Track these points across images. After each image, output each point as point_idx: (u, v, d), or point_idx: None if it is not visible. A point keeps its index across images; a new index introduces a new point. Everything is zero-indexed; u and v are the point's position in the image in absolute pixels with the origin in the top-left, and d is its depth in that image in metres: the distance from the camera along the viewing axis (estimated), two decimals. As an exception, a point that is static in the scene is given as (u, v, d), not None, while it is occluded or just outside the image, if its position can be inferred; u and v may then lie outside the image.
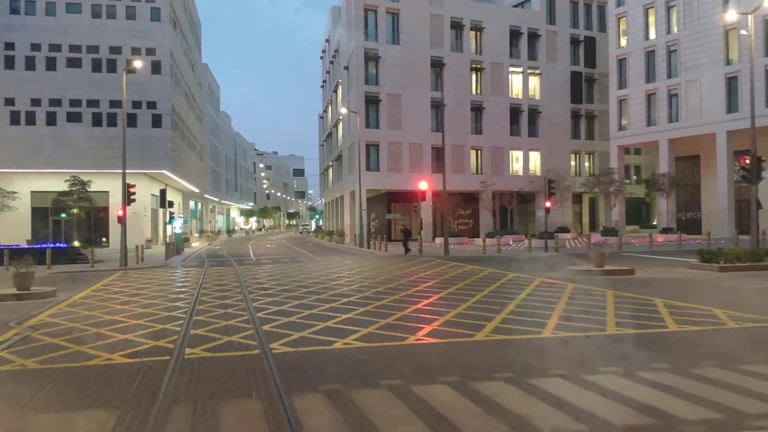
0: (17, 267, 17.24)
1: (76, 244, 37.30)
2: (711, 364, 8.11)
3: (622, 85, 49.78)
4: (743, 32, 35.23)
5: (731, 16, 32.26)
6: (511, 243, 39.27)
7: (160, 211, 49.62)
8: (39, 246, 30.68)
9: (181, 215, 49.71)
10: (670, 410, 6.19)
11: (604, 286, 16.78)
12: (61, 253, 30.06)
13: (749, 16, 23.42)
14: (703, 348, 9.15)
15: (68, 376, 8.19)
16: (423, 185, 35.35)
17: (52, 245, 30.86)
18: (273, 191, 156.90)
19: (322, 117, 75.09)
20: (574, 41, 54.44)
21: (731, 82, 42.55)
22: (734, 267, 20.38)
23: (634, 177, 66.23)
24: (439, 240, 42.86)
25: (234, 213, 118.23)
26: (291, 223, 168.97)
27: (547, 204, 31.04)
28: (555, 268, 21.99)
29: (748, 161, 22.60)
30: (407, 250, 32.77)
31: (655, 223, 55.33)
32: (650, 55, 47.51)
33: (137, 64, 29.61)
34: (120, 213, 27.45)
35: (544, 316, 12.05)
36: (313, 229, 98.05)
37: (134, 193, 28.03)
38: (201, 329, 11.27)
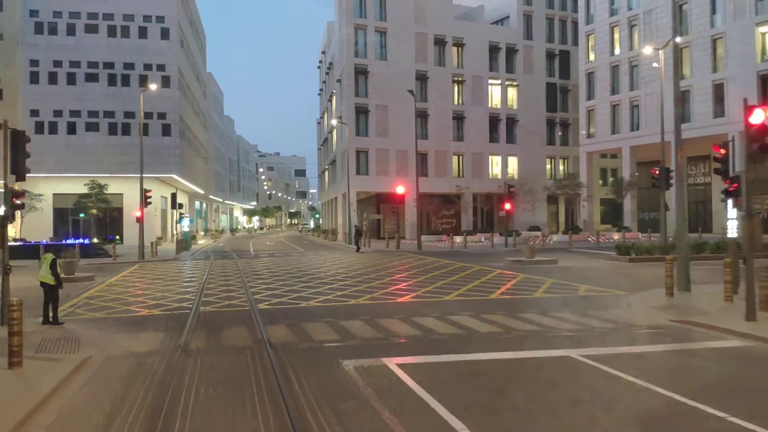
0: (65, 257, 21.96)
1: (95, 241, 42.04)
2: (535, 311, 12.75)
3: (590, 96, 54.24)
4: (655, 65, 39.68)
5: (647, 50, 36.78)
6: (483, 240, 43.78)
7: (169, 211, 54.38)
8: (67, 243, 35.40)
9: (187, 215, 54.33)
10: (477, 328, 10.86)
11: (522, 271, 21.39)
12: (86, 248, 34.79)
13: (660, 51, 27.96)
14: (542, 305, 13.73)
15: (125, 320, 12.88)
16: (400, 189, 39.94)
17: (78, 241, 35.59)
18: (274, 192, 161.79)
19: (319, 123, 79.74)
20: (550, 55, 58.90)
21: (684, 95, 46.96)
22: (642, 258, 24.88)
23: (611, 179, 70.51)
24: (421, 237, 47.34)
25: (237, 213, 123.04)
26: (293, 222, 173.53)
27: (507, 206, 35.54)
28: (498, 260, 26.56)
29: (657, 171, 27.07)
30: (358, 248, 36.15)
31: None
32: (615, 69, 51.98)
33: (152, 86, 34.28)
34: (138, 214, 32.16)
35: (457, 289, 16.69)
36: (311, 228, 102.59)
37: (150, 197, 32.72)
38: (210, 298, 15.95)
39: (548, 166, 58.96)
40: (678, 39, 38.46)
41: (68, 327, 11.73)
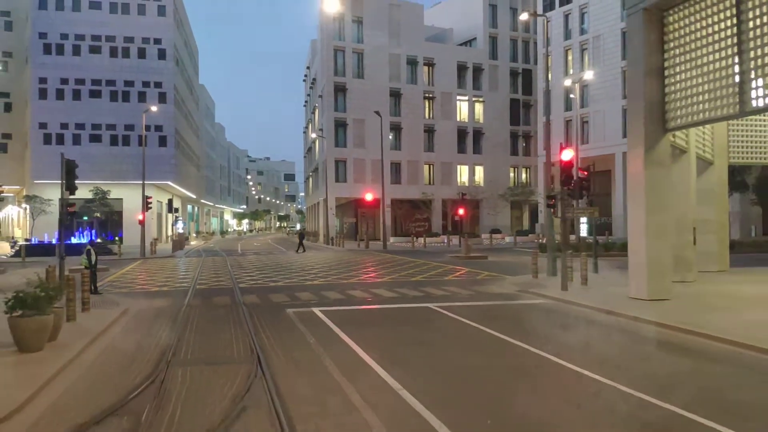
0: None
1: (99, 241, 47.06)
2: (433, 287, 18.10)
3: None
4: (572, 96, 45.44)
5: (567, 81, 42.56)
6: (444, 241, 49.21)
7: (164, 214, 59.45)
8: (79, 242, 40.44)
9: (181, 218, 59.30)
10: (384, 295, 16.25)
11: (453, 264, 26.79)
12: (93, 246, 39.85)
13: (576, 84, 33.66)
14: (442, 283, 19.08)
15: (143, 293, 18.14)
16: (368, 196, 45.33)
17: (88, 241, 40.61)
18: (264, 196, 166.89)
19: (305, 132, 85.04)
20: (513, 73, 64.66)
21: (627, 113, 52.78)
22: (557, 255, 30.30)
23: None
24: (392, 239, 52.73)
25: (227, 216, 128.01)
26: (282, 225, 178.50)
27: (460, 211, 40.87)
28: (442, 256, 31.98)
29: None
30: (303, 249, 40.74)
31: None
32: (568, 88, 57.77)
33: (153, 108, 39.46)
34: (141, 218, 37.33)
35: (392, 275, 22.05)
36: (297, 230, 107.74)
37: (151, 202, 37.87)
38: (203, 281, 21.22)
39: (512, 175, 64.58)
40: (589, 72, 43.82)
41: (106, 296, 16.97)
